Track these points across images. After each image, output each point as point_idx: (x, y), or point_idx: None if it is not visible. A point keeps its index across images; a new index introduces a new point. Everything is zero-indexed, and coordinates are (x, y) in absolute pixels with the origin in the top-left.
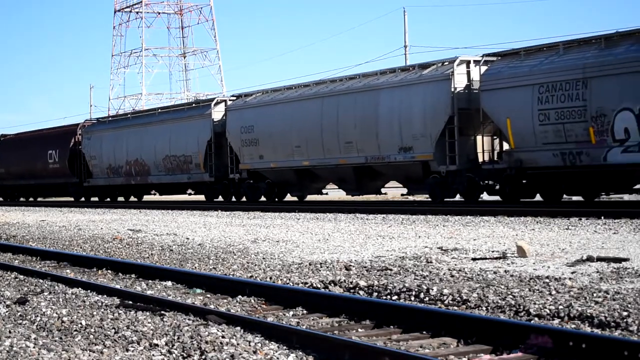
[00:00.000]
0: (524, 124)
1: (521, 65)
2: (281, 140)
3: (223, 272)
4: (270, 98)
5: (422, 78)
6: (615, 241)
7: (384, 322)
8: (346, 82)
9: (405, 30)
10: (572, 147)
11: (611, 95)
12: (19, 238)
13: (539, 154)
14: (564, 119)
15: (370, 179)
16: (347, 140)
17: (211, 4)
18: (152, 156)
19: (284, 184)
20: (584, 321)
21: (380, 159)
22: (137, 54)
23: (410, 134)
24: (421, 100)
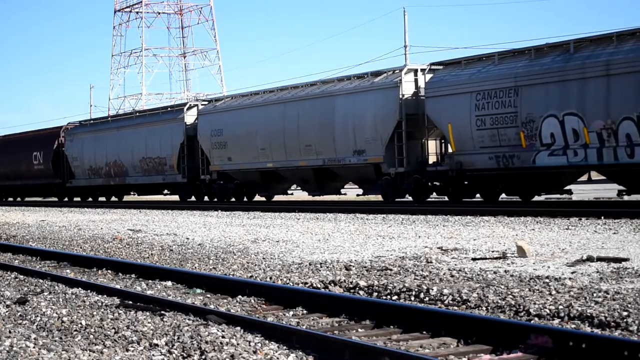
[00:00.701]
0: (463, 128)
1: (461, 73)
2: (247, 143)
3: (223, 272)
4: (238, 103)
5: (373, 85)
6: (615, 241)
7: (384, 322)
8: (306, 88)
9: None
10: (505, 150)
11: (539, 103)
12: (19, 238)
13: (477, 157)
14: (498, 124)
15: (330, 180)
16: (307, 143)
17: (211, 4)
18: (129, 158)
19: (251, 185)
20: (584, 321)
21: (336, 162)
22: (137, 54)
23: (363, 137)
24: (372, 106)
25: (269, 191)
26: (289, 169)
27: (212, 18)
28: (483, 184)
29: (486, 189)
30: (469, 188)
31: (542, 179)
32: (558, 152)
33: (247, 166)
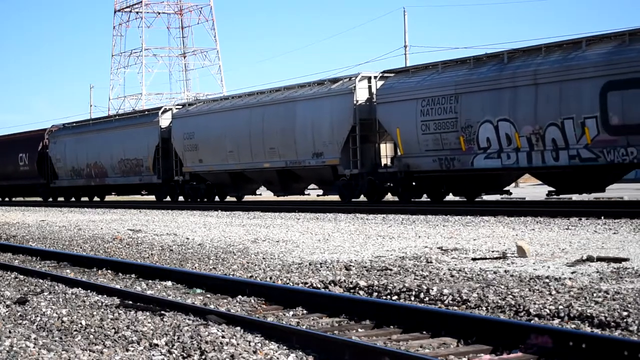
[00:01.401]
0: (410, 133)
1: (409, 81)
2: (217, 146)
3: (223, 272)
4: (208, 107)
5: (330, 92)
6: (615, 241)
7: (384, 322)
8: (271, 94)
9: (405, 30)
10: (447, 153)
11: (476, 109)
12: (19, 238)
13: (422, 160)
14: (441, 129)
15: (293, 181)
16: (271, 146)
17: (211, 4)
18: (109, 159)
19: (221, 185)
20: (584, 321)
21: (298, 164)
22: (137, 54)
23: (321, 141)
24: (329, 111)
25: (239, 192)
26: (255, 171)
27: (212, 18)
28: (429, 185)
29: (432, 190)
30: (417, 189)
31: (481, 180)
32: (493, 155)
33: (217, 168)
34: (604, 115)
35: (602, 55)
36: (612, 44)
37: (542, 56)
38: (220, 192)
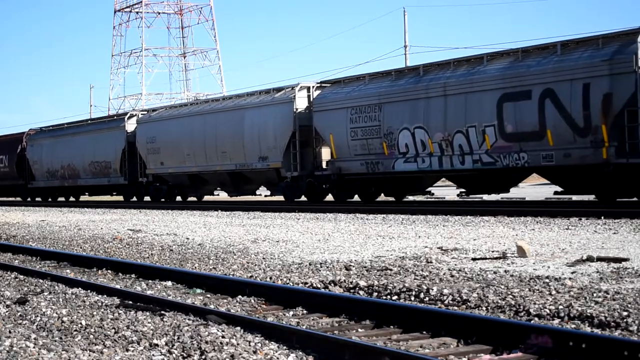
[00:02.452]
0: (341, 139)
1: (341, 91)
2: (176, 150)
3: (223, 272)
4: (169, 114)
5: (274, 100)
6: (615, 241)
7: (384, 322)
8: (223, 102)
9: (405, 30)
10: (373, 157)
11: (396, 117)
12: (19, 238)
13: (352, 163)
14: (367, 135)
15: (244, 182)
16: (222, 150)
17: (211, 4)
18: (80, 162)
19: (181, 187)
20: (584, 321)
21: (246, 166)
22: (137, 54)
23: (266, 145)
24: (273, 118)
25: (197, 192)
26: (209, 173)
27: (212, 18)
28: (359, 186)
29: (362, 191)
30: (348, 189)
31: (404, 182)
32: (411, 159)
33: (176, 170)
34: (501, 123)
35: (499, 70)
36: (508, 60)
37: (451, 70)
38: (180, 193)
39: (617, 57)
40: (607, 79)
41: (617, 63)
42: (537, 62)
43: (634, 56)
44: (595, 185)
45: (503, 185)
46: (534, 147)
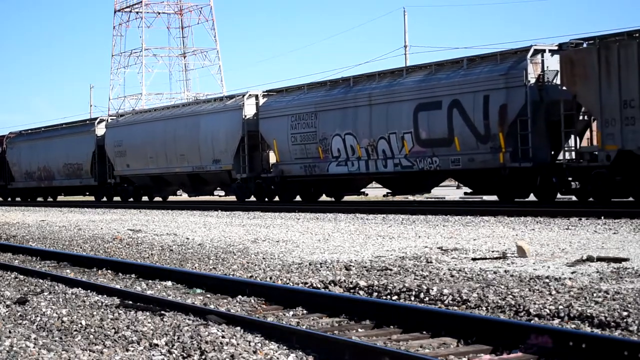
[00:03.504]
0: (283, 144)
1: (283, 100)
2: (140, 153)
3: (223, 272)
4: (134, 119)
5: (225, 107)
6: (615, 241)
7: (384, 322)
8: (182, 108)
9: (405, 30)
10: (310, 161)
11: (329, 124)
12: (19, 238)
13: (292, 166)
14: (305, 141)
15: (202, 183)
16: (181, 153)
17: (211, 4)
18: (55, 164)
19: (146, 187)
20: (584, 321)
21: (202, 168)
22: (137, 54)
23: (219, 149)
24: (224, 124)
25: (161, 193)
26: (170, 174)
27: (212, 18)
28: (299, 188)
29: (302, 192)
30: (291, 190)
31: (340, 184)
32: (342, 163)
33: (140, 172)
34: (416, 131)
35: (415, 82)
36: (423, 73)
37: (377, 81)
38: (146, 193)
39: (511, 72)
40: (503, 92)
41: (511, 77)
42: (447, 76)
43: (524, 71)
44: (496, 186)
45: (423, 187)
46: (444, 153)
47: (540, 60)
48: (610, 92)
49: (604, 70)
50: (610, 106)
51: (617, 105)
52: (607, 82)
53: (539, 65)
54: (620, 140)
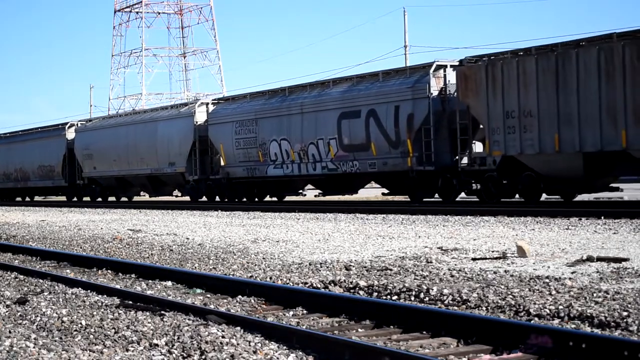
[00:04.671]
0: (229, 148)
1: (229, 107)
2: (105, 156)
3: (223, 272)
4: (100, 124)
5: (179, 114)
6: (615, 241)
7: (384, 322)
8: (142, 114)
9: (405, 30)
10: (252, 164)
11: (268, 130)
12: (19, 238)
13: (237, 169)
14: (247, 145)
15: (161, 185)
16: (141, 156)
17: (211, 4)
18: (30, 166)
19: (112, 188)
20: (584, 321)
21: (159, 171)
22: (137, 54)
23: (174, 153)
24: (178, 129)
25: (126, 193)
26: (132, 176)
27: (212, 18)
28: (244, 189)
29: (247, 193)
30: (237, 191)
31: (279, 185)
32: (279, 166)
33: (105, 174)
34: (340, 137)
35: (339, 93)
36: (346, 85)
37: (308, 92)
38: (112, 194)
39: (417, 85)
40: (410, 103)
41: (416, 90)
42: (366, 87)
43: (428, 85)
44: (406, 187)
45: (350, 188)
46: (363, 157)
47: (443, 74)
48: (496, 104)
49: (491, 85)
50: (495, 117)
51: (500, 115)
52: (493, 95)
53: (441, 79)
54: (504, 146)
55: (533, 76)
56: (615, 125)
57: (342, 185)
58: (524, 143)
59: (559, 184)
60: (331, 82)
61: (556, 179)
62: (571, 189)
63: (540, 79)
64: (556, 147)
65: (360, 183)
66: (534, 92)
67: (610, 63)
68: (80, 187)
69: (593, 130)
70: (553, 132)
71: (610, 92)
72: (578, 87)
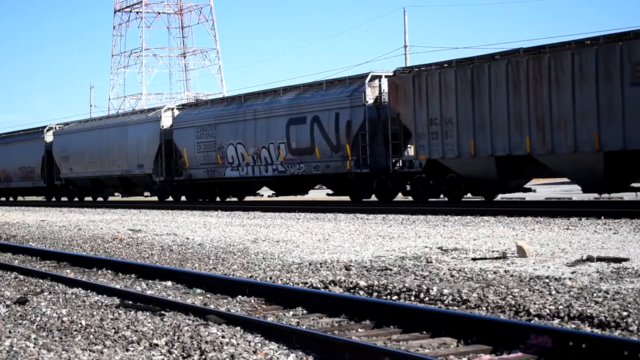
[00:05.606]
0: (191, 151)
1: (192, 113)
2: (81, 158)
3: (223, 272)
4: (76, 128)
5: (147, 119)
6: (615, 241)
7: (384, 322)
8: (114, 119)
9: (405, 30)
10: (212, 166)
11: (225, 135)
12: (19, 238)
13: (198, 171)
14: (207, 149)
15: (131, 185)
16: (113, 159)
17: (211, 4)
18: (12, 167)
19: (87, 189)
20: (584, 321)
21: (129, 172)
22: (137, 54)
23: (142, 155)
24: (146, 134)
25: (101, 193)
26: (105, 177)
27: (212, 18)
28: (206, 189)
29: (208, 193)
30: (199, 192)
31: (237, 186)
32: (235, 168)
33: (81, 175)
34: (288, 141)
35: (288, 101)
36: (295, 93)
37: (261, 99)
38: (88, 194)
39: (354, 94)
40: (348, 110)
41: (354, 98)
42: (311, 95)
43: (364, 94)
44: (347, 188)
45: (300, 189)
46: (308, 160)
47: (378, 84)
48: (421, 112)
49: (417, 94)
50: (421, 123)
51: (425, 122)
52: (419, 104)
53: (376, 88)
54: (428, 151)
55: (453, 87)
56: (521, 132)
57: (293, 187)
58: (446, 148)
59: (478, 185)
60: (281, 90)
61: (475, 180)
62: (489, 190)
63: (459, 89)
64: (472, 151)
65: (309, 184)
66: (454, 102)
67: (516, 76)
68: (58, 187)
69: (502, 136)
70: (469, 137)
71: (517, 102)
72: (490, 97)
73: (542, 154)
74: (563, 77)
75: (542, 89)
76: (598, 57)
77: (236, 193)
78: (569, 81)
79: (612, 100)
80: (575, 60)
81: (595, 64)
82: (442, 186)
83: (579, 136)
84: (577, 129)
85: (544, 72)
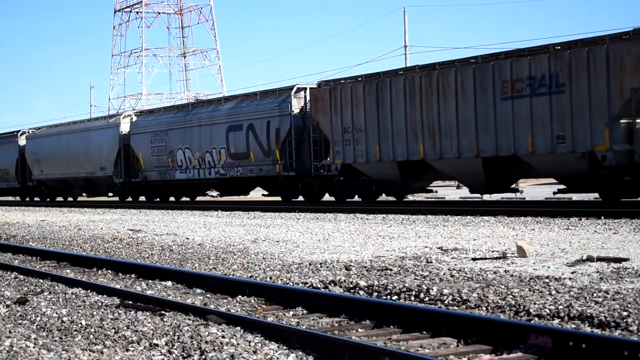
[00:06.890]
0: (146, 155)
1: (147, 119)
2: (51, 160)
3: (223, 272)
4: (47, 132)
5: (108, 124)
6: (615, 241)
7: (384, 322)
8: (80, 124)
9: (405, 30)
10: (164, 169)
11: (175, 140)
12: (19, 238)
13: (152, 173)
14: (160, 153)
15: (95, 186)
16: (78, 161)
17: (211, 4)
18: None
19: (57, 189)
20: (584, 321)
21: (93, 174)
22: (137, 54)
23: (104, 158)
24: (107, 138)
25: (69, 194)
26: (72, 179)
27: (212, 18)
28: (160, 190)
29: (161, 194)
30: (154, 193)
31: (188, 187)
32: (184, 171)
33: (51, 176)
34: (228, 146)
35: (228, 109)
36: (234, 102)
37: (205, 107)
38: (58, 194)
39: (282, 105)
40: (277, 119)
41: (282, 108)
42: (247, 105)
43: (290, 104)
44: (278, 189)
45: (241, 190)
46: (245, 164)
47: (304, 95)
48: (337, 121)
49: (333, 105)
50: (336, 131)
51: (340, 130)
52: (335, 114)
53: (302, 99)
54: (343, 156)
55: (362, 99)
56: (416, 139)
57: (235, 188)
58: (357, 153)
59: (386, 186)
60: (223, 99)
61: (383, 182)
62: (396, 191)
63: (367, 101)
64: (377, 156)
65: (248, 186)
66: (362, 112)
67: (412, 89)
68: (31, 188)
69: (402, 143)
70: (375, 144)
71: (413, 113)
72: (391, 108)
73: (434, 159)
74: (449, 91)
75: (432, 102)
76: (476, 75)
77: (187, 194)
78: (453, 95)
79: (487, 112)
80: (458, 76)
81: (473, 81)
82: (356, 187)
83: (462, 143)
84: (460, 137)
85: (434, 87)
